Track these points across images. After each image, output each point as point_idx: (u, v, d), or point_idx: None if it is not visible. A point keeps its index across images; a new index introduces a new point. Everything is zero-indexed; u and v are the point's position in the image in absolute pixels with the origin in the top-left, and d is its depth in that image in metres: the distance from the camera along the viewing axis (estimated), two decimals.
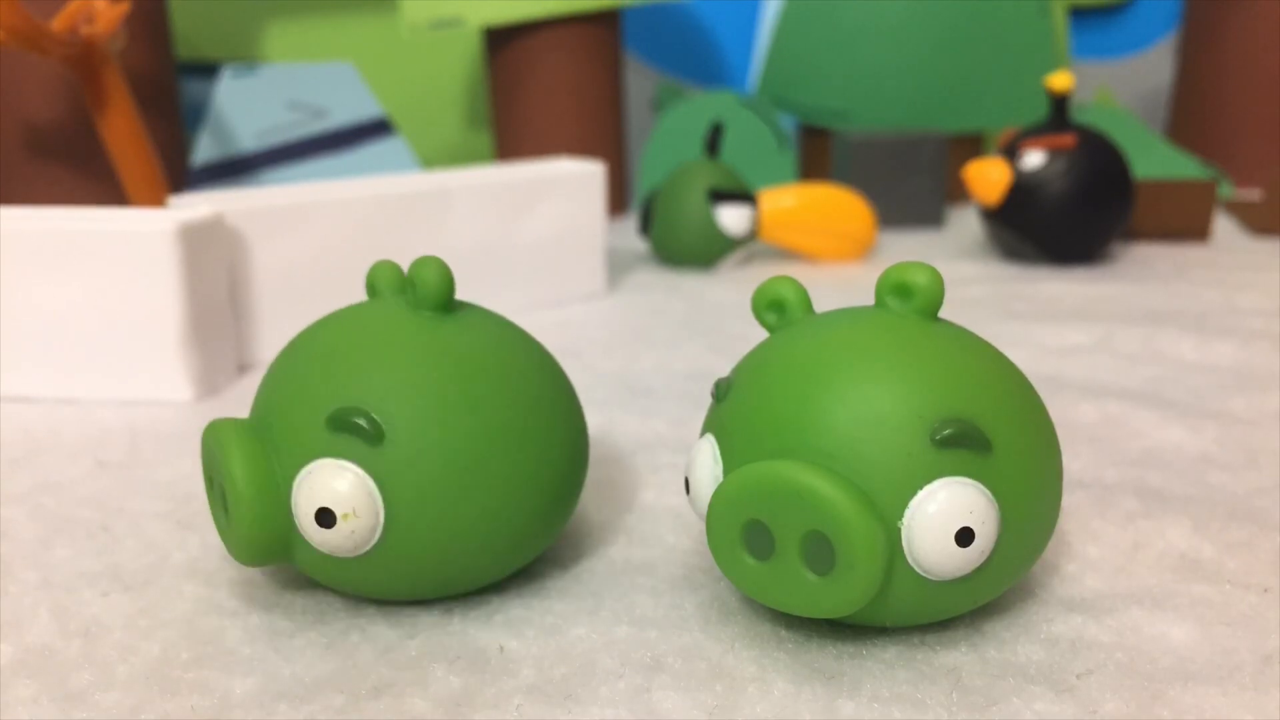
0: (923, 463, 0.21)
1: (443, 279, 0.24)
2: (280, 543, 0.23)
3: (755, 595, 0.22)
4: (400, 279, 0.26)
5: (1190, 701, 0.21)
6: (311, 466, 0.23)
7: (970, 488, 0.21)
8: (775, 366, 0.23)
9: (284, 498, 0.23)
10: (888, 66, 0.86)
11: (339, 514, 0.22)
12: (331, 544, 0.23)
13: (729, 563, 0.22)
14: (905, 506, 0.21)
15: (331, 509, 0.22)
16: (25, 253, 0.40)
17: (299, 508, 0.23)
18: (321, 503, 0.22)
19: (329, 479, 0.22)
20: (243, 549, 0.23)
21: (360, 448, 0.23)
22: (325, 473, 0.22)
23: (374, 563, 0.23)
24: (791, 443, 0.22)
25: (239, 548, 0.23)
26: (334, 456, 0.23)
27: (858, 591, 0.21)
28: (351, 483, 0.22)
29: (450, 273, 0.24)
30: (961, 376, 0.22)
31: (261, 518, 0.23)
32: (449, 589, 0.25)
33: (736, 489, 0.21)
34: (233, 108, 0.73)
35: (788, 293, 0.25)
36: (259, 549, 0.23)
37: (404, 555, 0.23)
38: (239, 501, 0.23)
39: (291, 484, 0.23)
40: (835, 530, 0.20)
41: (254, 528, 0.23)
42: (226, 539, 0.24)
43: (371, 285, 0.26)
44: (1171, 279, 0.60)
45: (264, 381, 0.25)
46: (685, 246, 0.65)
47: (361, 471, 0.22)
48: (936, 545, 0.21)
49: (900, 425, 0.21)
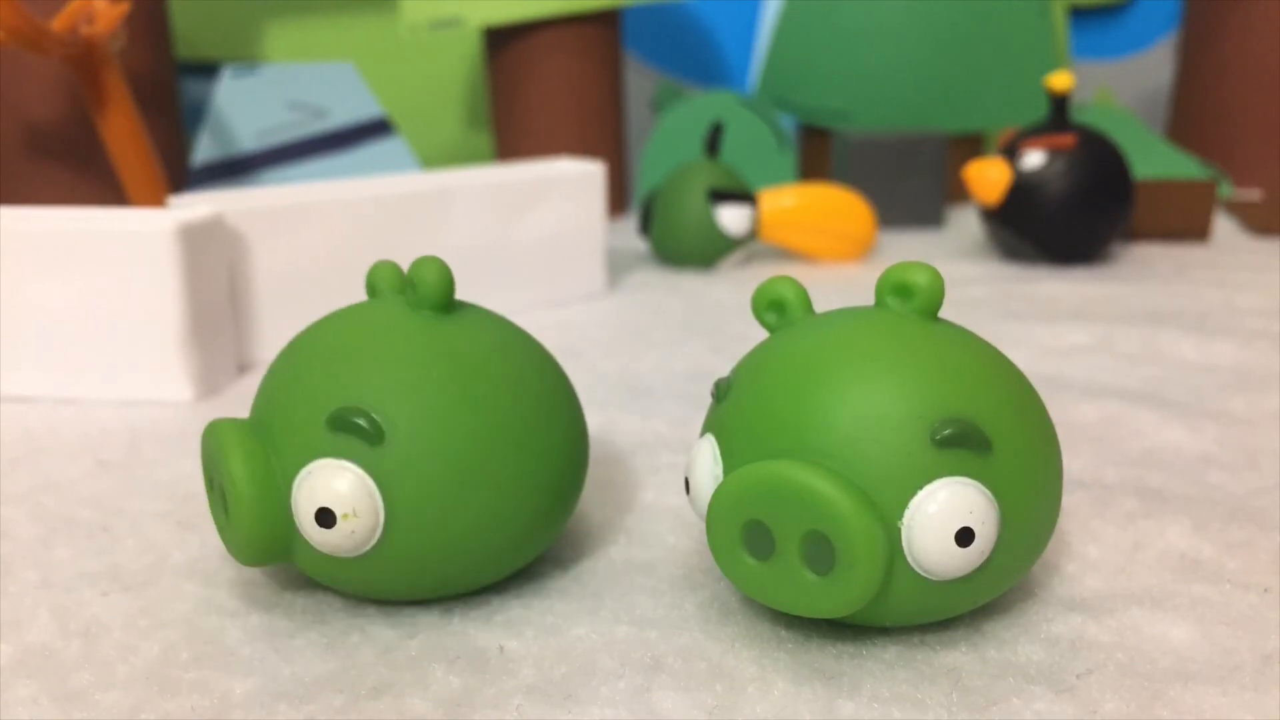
0: (923, 462, 0.21)
1: (443, 279, 0.24)
2: (281, 543, 0.23)
3: (755, 595, 0.22)
4: (400, 279, 0.26)
5: (1190, 701, 0.21)
6: (311, 466, 0.23)
7: (970, 488, 0.21)
8: (775, 366, 0.23)
9: (284, 498, 0.23)
10: (888, 66, 0.86)
11: (339, 514, 0.22)
12: (331, 544, 0.23)
13: (729, 563, 0.22)
14: (905, 506, 0.21)
15: (332, 509, 0.22)
16: (25, 253, 0.40)
17: (299, 507, 0.23)
18: (322, 503, 0.22)
19: (329, 479, 0.22)
20: (243, 549, 0.23)
21: (360, 448, 0.23)
22: (325, 473, 0.22)
23: (374, 563, 0.23)
24: (791, 442, 0.22)
25: (239, 548, 0.23)
26: (334, 456, 0.23)
27: (858, 591, 0.21)
28: (351, 483, 0.22)
29: (450, 273, 0.24)
30: (961, 376, 0.22)
31: (262, 518, 0.23)
32: (449, 589, 0.25)
33: (736, 489, 0.21)
34: (233, 108, 0.73)
35: (788, 293, 0.25)
36: (259, 549, 0.23)
37: (404, 555, 0.23)
38: (239, 501, 0.23)
39: (292, 484, 0.23)
40: (835, 530, 0.20)
41: (254, 528, 0.23)
42: (227, 539, 0.24)
43: (372, 285, 0.26)
44: (1171, 279, 0.60)
45: (264, 381, 0.25)
46: (685, 246, 0.65)
47: (361, 471, 0.22)
48: (936, 545, 0.21)
49: (900, 425, 0.21)
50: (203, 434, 0.25)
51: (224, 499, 0.24)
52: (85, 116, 0.64)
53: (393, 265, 0.26)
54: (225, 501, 0.23)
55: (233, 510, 0.23)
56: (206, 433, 0.24)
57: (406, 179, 0.54)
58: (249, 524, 0.23)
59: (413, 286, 0.25)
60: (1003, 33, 0.85)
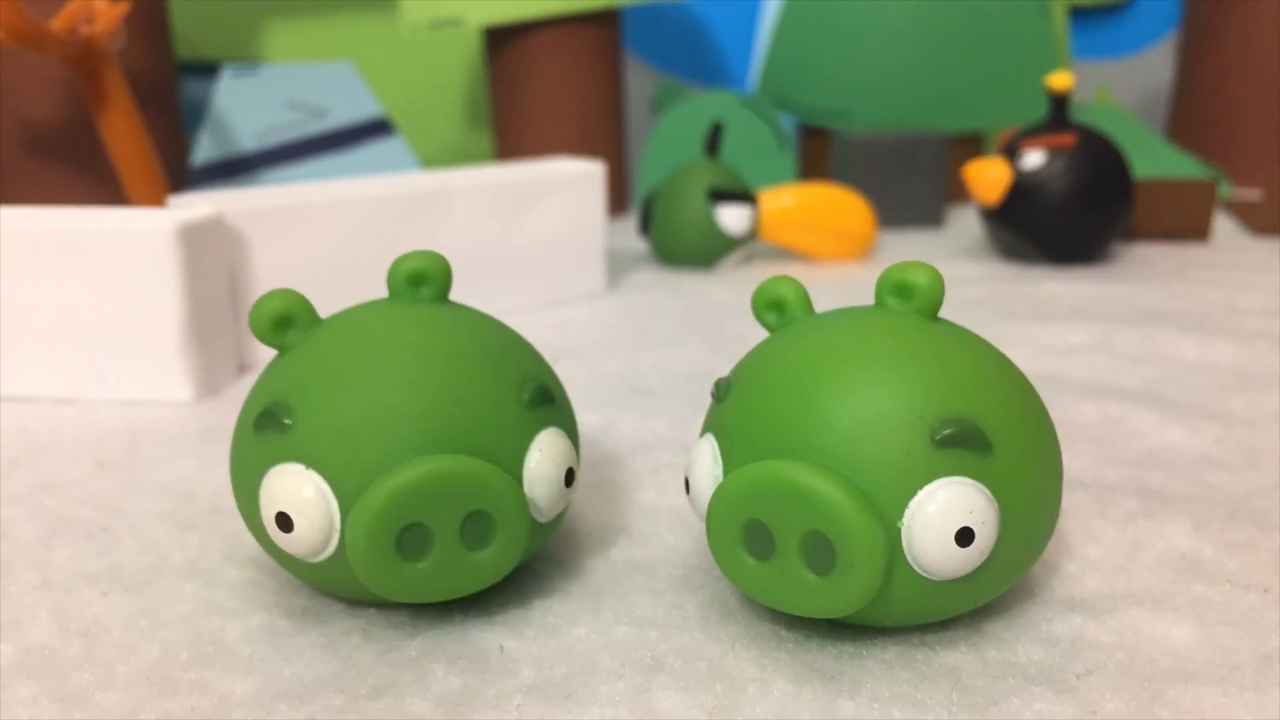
0: (923, 462, 0.21)
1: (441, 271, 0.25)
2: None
3: (755, 595, 0.22)
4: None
5: (1190, 701, 0.21)
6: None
7: (970, 488, 0.21)
8: (775, 366, 0.23)
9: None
10: (888, 66, 0.86)
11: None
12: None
13: (729, 563, 0.22)
14: (905, 506, 0.21)
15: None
16: (25, 253, 0.40)
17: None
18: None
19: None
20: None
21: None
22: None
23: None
24: (791, 443, 0.22)
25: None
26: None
27: (858, 591, 0.21)
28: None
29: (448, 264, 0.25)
30: (961, 376, 0.22)
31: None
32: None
33: (736, 489, 0.21)
34: (233, 108, 0.73)
35: (788, 293, 0.25)
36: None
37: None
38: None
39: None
40: (835, 530, 0.20)
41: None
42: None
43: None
44: (1171, 279, 0.60)
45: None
46: (685, 246, 0.65)
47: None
48: (936, 545, 0.21)
49: (900, 425, 0.21)
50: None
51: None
52: (85, 116, 0.64)
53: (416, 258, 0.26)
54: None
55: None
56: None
57: (406, 179, 0.54)
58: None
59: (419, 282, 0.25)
60: (1003, 33, 0.85)
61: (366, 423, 0.22)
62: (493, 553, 0.23)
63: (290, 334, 0.24)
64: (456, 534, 0.22)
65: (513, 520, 0.23)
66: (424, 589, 0.23)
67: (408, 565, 0.22)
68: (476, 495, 0.22)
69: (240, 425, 0.24)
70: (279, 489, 0.22)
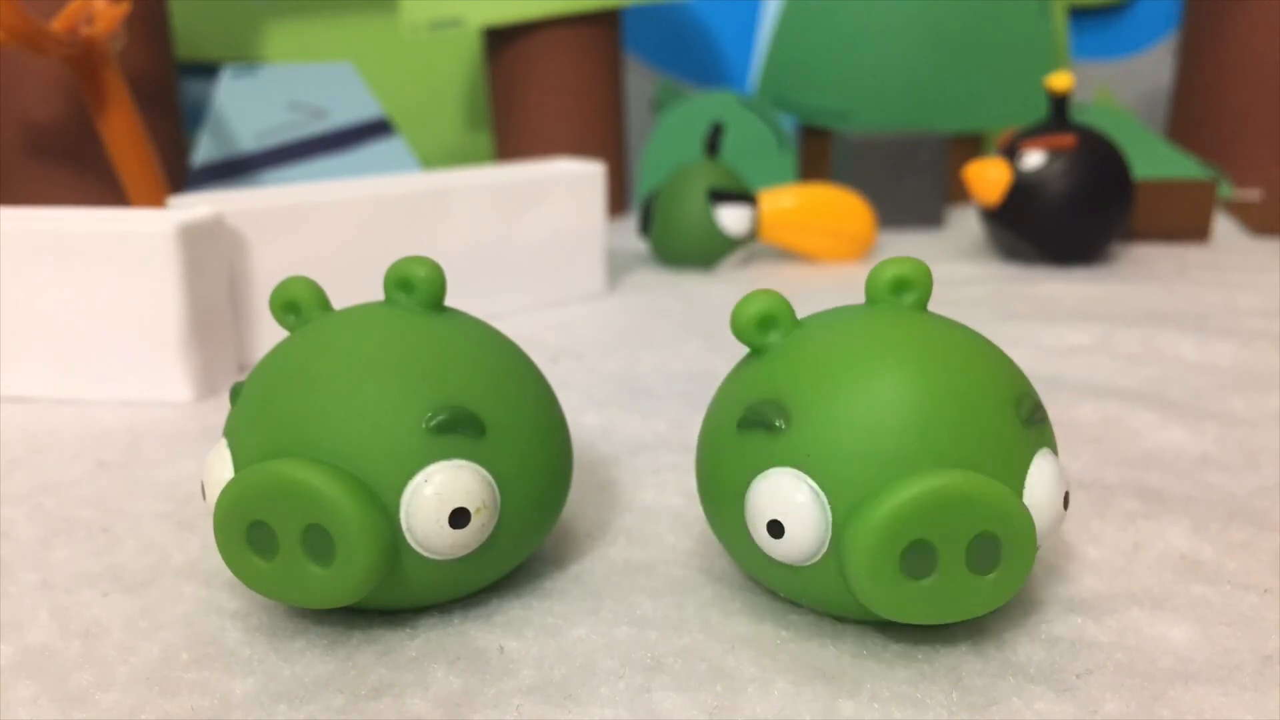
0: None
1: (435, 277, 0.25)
2: (388, 565, 0.22)
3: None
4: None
5: (1190, 701, 0.21)
6: (429, 470, 0.22)
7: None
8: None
9: (392, 515, 0.22)
10: (888, 66, 0.86)
11: (472, 510, 0.23)
12: (460, 543, 0.23)
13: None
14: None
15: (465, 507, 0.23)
16: (25, 253, 0.40)
17: (426, 515, 0.23)
18: (457, 503, 0.23)
19: (454, 479, 0.23)
20: (363, 584, 0.22)
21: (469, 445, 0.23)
22: (448, 474, 0.23)
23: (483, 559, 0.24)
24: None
25: (356, 586, 0.22)
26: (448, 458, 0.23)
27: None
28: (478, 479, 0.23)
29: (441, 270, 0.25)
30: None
31: (378, 541, 0.22)
32: (452, 593, 0.25)
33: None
34: (233, 108, 0.73)
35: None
36: (375, 578, 0.22)
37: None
38: (350, 532, 0.21)
39: (400, 497, 0.22)
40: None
41: (373, 556, 0.22)
42: (320, 588, 0.22)
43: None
44: (1171, 279, 0.60)
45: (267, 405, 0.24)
46: (685, 246, 0.65)
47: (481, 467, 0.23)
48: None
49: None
50: (247, 482, 0.22)
51: (303, 545, 0.22)
52: (85, 116, 0.64)
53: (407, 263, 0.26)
54: (308, 546, 0.22)
55: (342, 546, 0.21)
56: (260, 479, 0.22)
57: (406, 179, 0.54)
58: (367, 552, 0.21)
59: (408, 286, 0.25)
60: (1003, 33, 0.85)
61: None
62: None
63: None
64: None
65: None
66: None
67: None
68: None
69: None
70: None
